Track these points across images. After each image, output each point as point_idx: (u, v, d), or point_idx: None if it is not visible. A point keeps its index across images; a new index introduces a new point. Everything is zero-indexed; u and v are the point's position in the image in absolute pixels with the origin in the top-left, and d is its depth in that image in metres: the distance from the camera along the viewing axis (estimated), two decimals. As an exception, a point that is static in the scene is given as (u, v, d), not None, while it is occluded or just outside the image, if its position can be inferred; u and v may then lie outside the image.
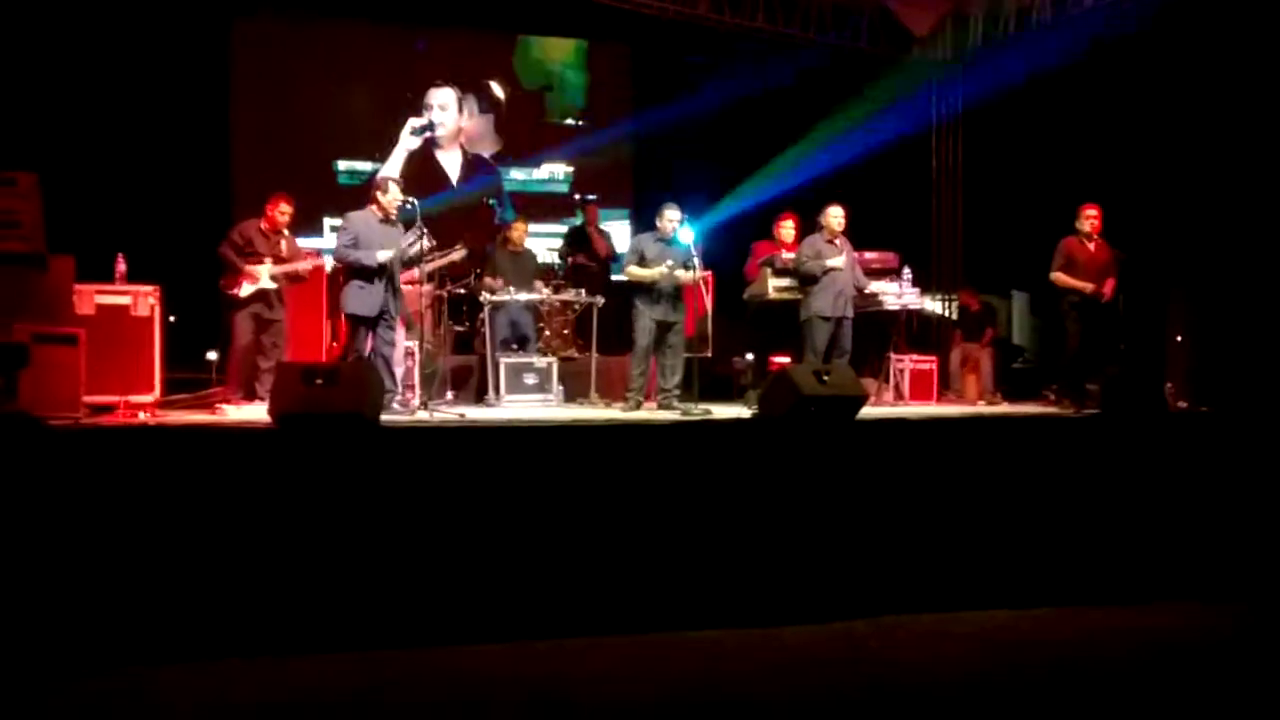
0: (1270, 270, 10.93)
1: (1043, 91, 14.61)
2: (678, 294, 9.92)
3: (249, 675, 5.33)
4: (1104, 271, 10.38)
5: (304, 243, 10.42)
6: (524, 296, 11.05)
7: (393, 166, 14.92)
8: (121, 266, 9.40)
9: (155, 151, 12.95)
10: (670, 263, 9.79)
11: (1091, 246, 10.43)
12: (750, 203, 13.27)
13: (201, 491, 5.87)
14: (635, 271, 9.92)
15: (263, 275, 9.53)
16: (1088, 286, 10.26)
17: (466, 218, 14.26)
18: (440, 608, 5.97)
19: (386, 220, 9.07)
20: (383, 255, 8.83)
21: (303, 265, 9.87)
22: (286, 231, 9.87)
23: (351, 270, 8.97)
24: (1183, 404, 10.07)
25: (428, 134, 15.34)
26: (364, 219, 9.06)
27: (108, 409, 8.58)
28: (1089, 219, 10.44)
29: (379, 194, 9.13)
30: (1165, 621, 6.52)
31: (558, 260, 13.28)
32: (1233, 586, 7.07)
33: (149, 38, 13.10)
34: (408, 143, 15.24)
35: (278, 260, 9.66)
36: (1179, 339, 10.86)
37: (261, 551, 5.83)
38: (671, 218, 10.01)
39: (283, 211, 9.79)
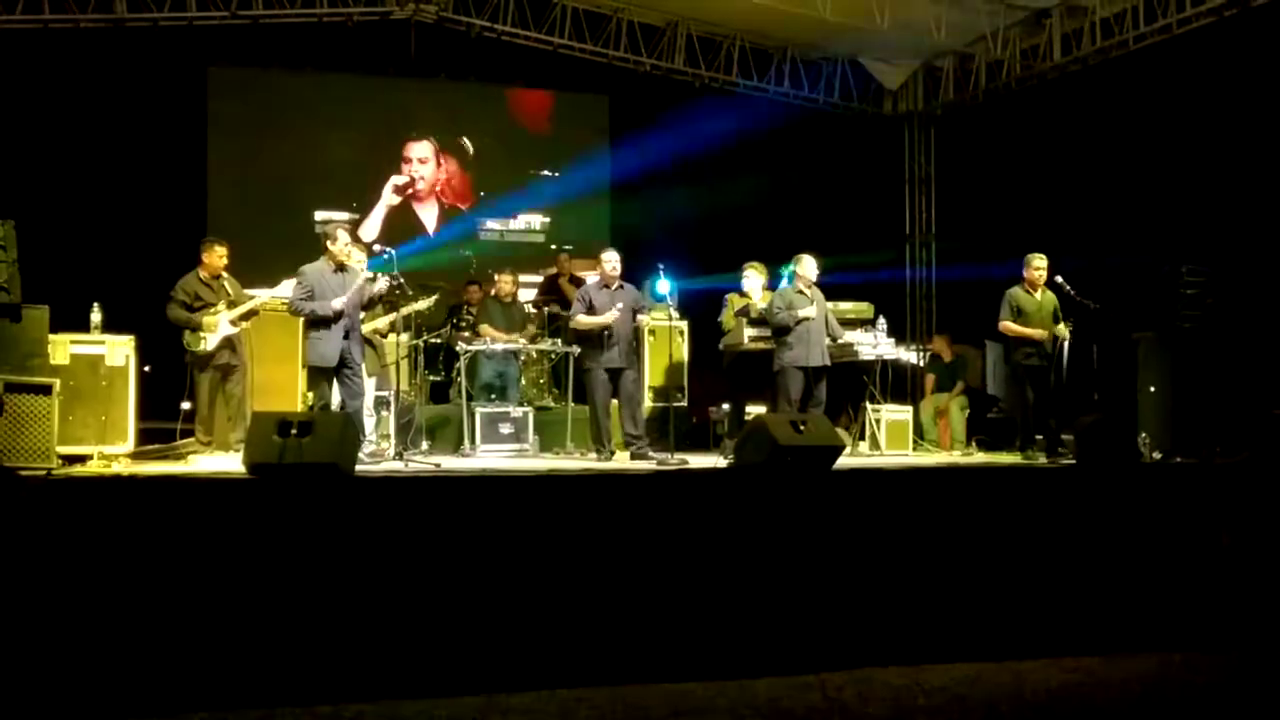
0: (1240, 316, 11.03)
1: (1014, 142, 14.79)
2: (630, 341, 9.92)
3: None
4: (1051, 320, 10.46)
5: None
6: (500, 346, 11.08)
7: (374, 223, 14.94)
8: (97, 316, 9.39)
9: (131, 200, 12.95)
10: (620, 306, 9.80)
11: (1038, 295, 10.50)
12: (725, 252, 13.28)
13: (175, 543, 5.84)
14: (584, 320, 9.93)
15: (223, 323, 9.56)
16: (1038, 333, 10.32)
17: (443, 268, 14.27)
18: (414, 659, 5.94)
19: (340, 269, 9.09)
20: (337, 303, 8.84)
21: (254, 302, 9.89)
22: (225, 274, 9.92)
23: (309, 322, 9.00)
24: (1157, 454, 10.11)
25: (409, 191, 15.37)
26: (318, 270, 9.08)
27: (81, 459, 8.55)
28: (1036, 268, 10.52)
29: (329, 243, 9.18)
30: (1142, 672, 6.51)
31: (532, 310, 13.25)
32: (1210, 636, 7.07)
33: (124, 85, 13.12)
34: (389, 199, 15.25)
35: (229, 304, 9.69)
36: (1151, 389, 10.91)
37: (235, 603, 5.79)
38: (609, 260, 10.03)
39: (220, 255, 9.87)
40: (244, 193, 14.51)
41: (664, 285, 10.38)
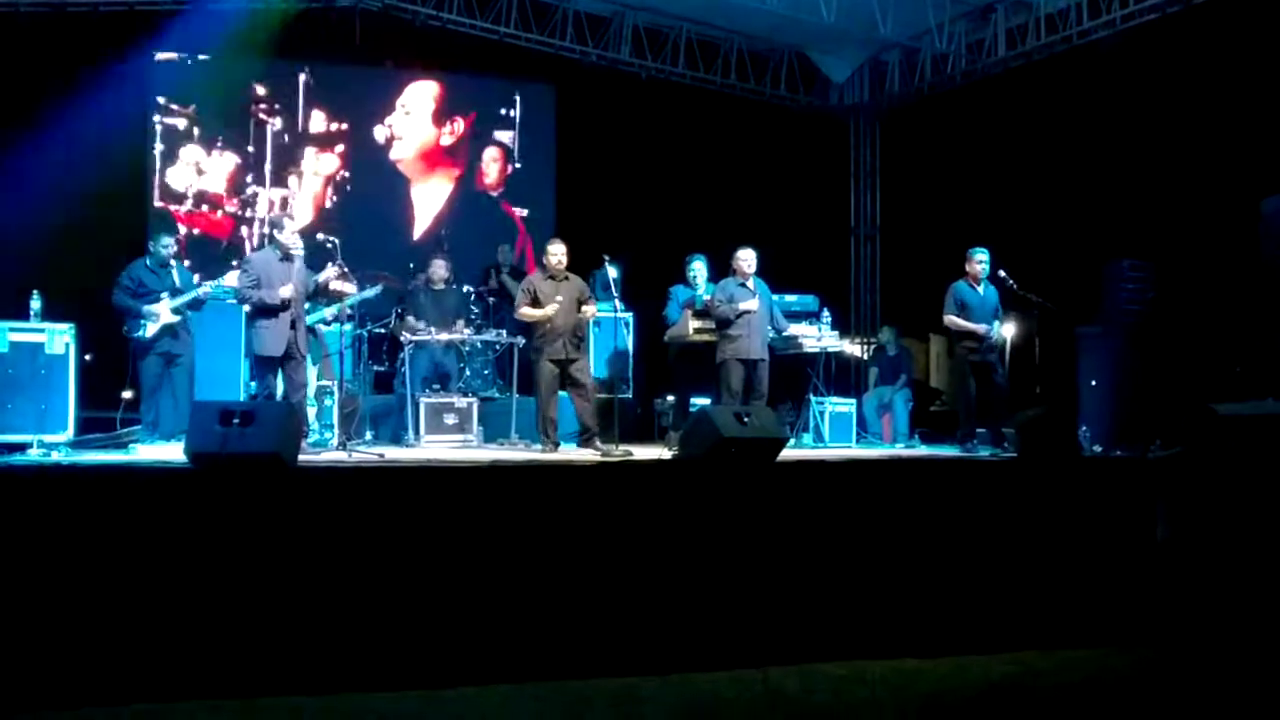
0: (1180, 310, 11.15)
1: (960, 136, 14.88)
2: (576, 332, 9.91)
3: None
4: (994, 314, 10.55)
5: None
6: (445, 336, 11.01)
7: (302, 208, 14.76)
8: (36, 304, 9.29)
9: (72, 188, 12.77)
10: (560, 299, 9.79)
11: (981, 289, 10.59)
12: (670, 245, 13.28)
13: (115, 533, 5.79)
14: (527, 312, 9.93)
15: (164, 311, 9.52)
16: (980, 328, 10.40)
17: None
18: (354, 652, 5.91)
19: (286, 258, 9.07)
20: (285, 291, 8.85)
21: (200, 290, 9.82)
22: (174, 262, 9.90)
23: (255, 311, 8.98)
24: (1097, 448, 10.20)
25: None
26: (264, 259, 9.15)
27: (20, 448, 8.47)
28: (979, 262, 10.60)
29: (275, 232, 9.21)
30: (1081, 665, 6.58)
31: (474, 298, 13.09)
32: (1148, 630, 7.15)
33: (65, 71, 12.93)
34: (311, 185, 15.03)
35: (174, 293, 9.64)
36: (1092, 383, 11.02)
37: (174, 594, 5.75)
38: (556, 253, 10.01)
39: (165, 245, 9.85)
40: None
41: (611, 273, 10.36)
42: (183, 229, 13.90)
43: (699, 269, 11.11)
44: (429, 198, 15.46)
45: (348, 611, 5.99)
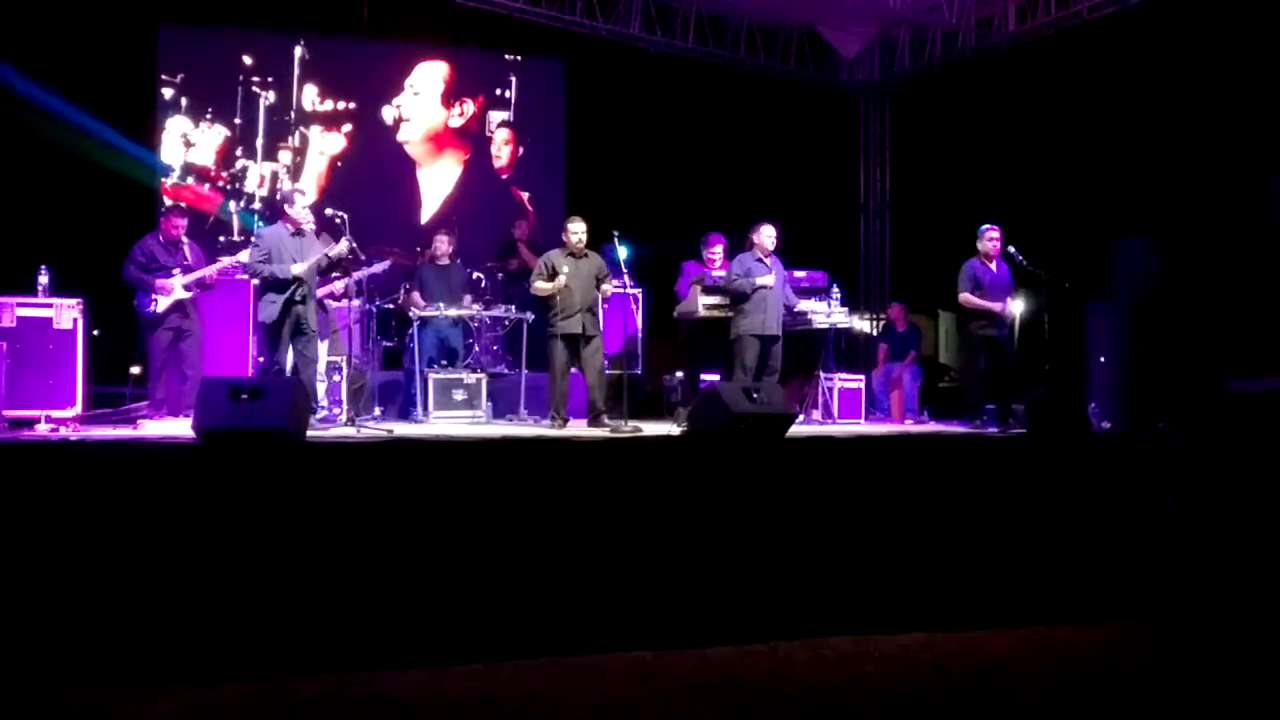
0: (1191, 288, 11.11)
1: (970, 112, 14.82)
2: (591, 309, 9.89)
3: (162, 702, 5.21)
4: (1007, 291, 10.52)
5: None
6: (453, 312, 10.99)
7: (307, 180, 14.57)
8: (44, 279, 9.29)
9: (79, 161, 12.74)
10: (566, 271, 9.77)
11: (994, 267, 10.55)
12: (681, 221, 13.23)
13: (124, 509, 5.78)
14: (541, 286, 9.91)
15: (176, 286, 9.56)
16: (996, 306, 10.37)
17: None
18: (362, 630, 5.91)
19: (298, 233, 9.11)
20: (296, 268, 8.91)
21: (210, 270, 9.89)
22: (185, 239, 9.96)
23: (265, 284, 9.07)
24: (1106, 425, 10.18)
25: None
26: (276, 234, 9.21)
27: (29, 423, 8.48)
28: (990, 239, 10.57)
29: (287, 207, 9.23)
30: (1090, 641, 6.57)
31: (484, 277, 13.07)
32: (1157, 606, 7.14)
33: (72, 43, 12.88)
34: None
35: (185, 270, 9.68)
36: (1101, 360, 10.99)
37: (182, 571, 5.75)
38: (576, 230, 9.98)
39: (175, 226, 9.89)
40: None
41: (621, 251, 10.33)
42: (168, 202, 13.55)
43: (718, 249, 11.11)
44: (436, 181, 15.28)
45: (356, 587, 5.99)
